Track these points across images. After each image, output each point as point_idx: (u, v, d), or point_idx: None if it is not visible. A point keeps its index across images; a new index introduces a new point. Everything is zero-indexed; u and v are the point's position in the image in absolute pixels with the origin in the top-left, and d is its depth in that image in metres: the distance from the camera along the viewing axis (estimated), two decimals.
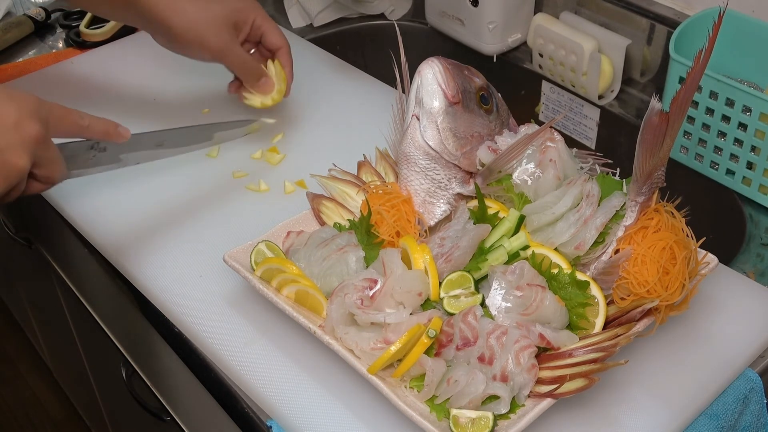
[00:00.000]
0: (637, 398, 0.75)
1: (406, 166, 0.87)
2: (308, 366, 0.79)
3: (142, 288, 0.90)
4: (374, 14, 1.45)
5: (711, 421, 0.76)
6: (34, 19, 1.36)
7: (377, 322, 0.73)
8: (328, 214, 0.89)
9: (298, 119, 1.13)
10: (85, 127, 0.80)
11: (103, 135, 0.83)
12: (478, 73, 0.89)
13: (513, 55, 1.35)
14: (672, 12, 1.15)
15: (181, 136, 0.97)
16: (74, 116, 0.79)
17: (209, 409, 0.85)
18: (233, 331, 0.82)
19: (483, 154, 0.86)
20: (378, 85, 1.20)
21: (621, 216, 0.79)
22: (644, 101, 1.21)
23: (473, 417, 0.68)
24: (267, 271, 0.81)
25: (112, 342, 1.16)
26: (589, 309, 0.76)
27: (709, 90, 0.99)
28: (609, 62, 1.17)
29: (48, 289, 1.41)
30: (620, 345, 0.70)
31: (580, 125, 1.28)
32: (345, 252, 0.81)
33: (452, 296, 0.76)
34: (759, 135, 0.96)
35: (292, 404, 0.75)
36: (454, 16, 1.33)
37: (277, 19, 1.40)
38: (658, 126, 0.73)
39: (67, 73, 1.22)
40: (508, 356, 0.70)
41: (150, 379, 1.10)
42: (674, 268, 0.74)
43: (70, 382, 1.91)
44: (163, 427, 1.11)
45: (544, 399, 0.70)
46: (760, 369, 0.80)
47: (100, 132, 0.82)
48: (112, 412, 1.58)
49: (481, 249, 0.80)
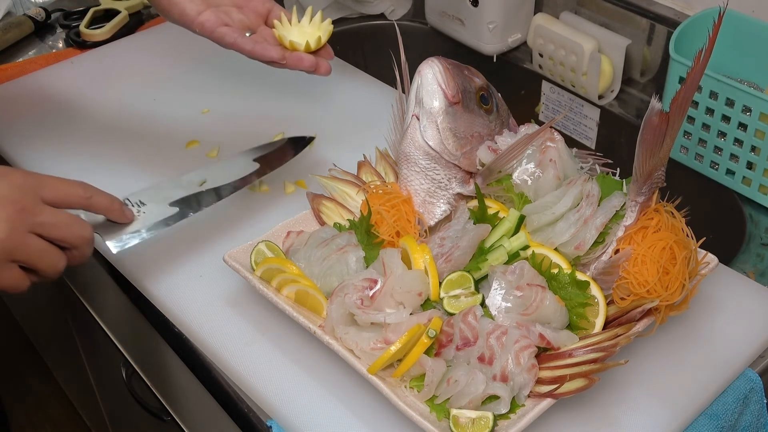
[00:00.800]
0: (637, 398, 0.75)
1: (406, 166, 0.87)
2: (308, 366, 0.79)
3: (142, 288, 0.90)
4: (374, 14, 1.45)
5: (711, 421, 0.76)
6: (34, 19, 1.36)
7: (377, 322, 0.73)
8: (328, 214, 0.89)
9: (298, 119, 1.13)
10: (87, 199, 0.77)
11: (105, 211, 0.80)
12: (478, 73, 0.89)
13: (513, 55, 1.35)
14: (672, 12, 1.15)
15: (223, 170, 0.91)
16: (75, 188, 0.76)
17: (209, 409, 0.85)
18: (233, 331, 0.82)
19: (483, 154, 0.86)
20: (378, 85, 1.20)
21: (621, 216, 0.79)
22: (644, 101, 1.21)
23: (473, 417, 0.68)
24: (267, 271, 0.81)
25: (112, 342, 1.16)
26: (589, 309, 0.76)
27: (709, 90, 0.99)
28: (609, 62, 1.17)
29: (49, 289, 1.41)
30: (620, 345, 0.70)
31: (580, 125, 1.28)
32: (345, 252, 0.81)
33: (452, 296, 0.76)
34: (759, 135, 0.96)
35: (292, 404, 0.75)
36: (454, 16, 1.33)
37: None
38: (658, 126, 0.73)
39: (67, 73, 1.23)
40: (508, 356, 0.70)
41: (150, 379, 1.10)
42: (674, 268, 0.74)
43: (70, 382, 1.91)
44: (163, 427, 1.11)
45: (544, 399, 0.70)
46: (760, 369, 0.80)
47: (102, 207, 0.79)
48: (112, 412, 1.58)
49: (481, 249, 0.80)
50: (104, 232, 0.81)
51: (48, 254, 0.74)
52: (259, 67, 0.90)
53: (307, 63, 0.87)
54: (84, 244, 0.76)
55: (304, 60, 0.87)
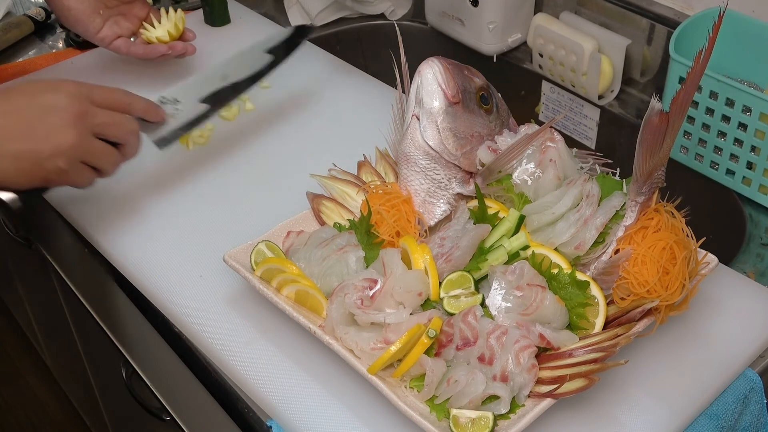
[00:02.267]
0: (637, 398, 0.75)
1: (406, 166, 0.87)
2: (308, 366, 0.79)
3: (142, 288, 0.90)
4: (374, 14, 1.45)
5: (711, 421, 0.76)
6: (34, 19, 1.36)
7: (377, 322, 0.73)
8: (328, 214, 0.89)
9: (298, 119, 1.12)
10: (128, 104, 0.88)
11: (143, 112, 0.90)
12: (478, 73, 0.89)
13: (513, 55, 1.35)
14: (672, 12, 1.15)
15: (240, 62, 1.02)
16: (117, 94, 0.87)
17: (209, 409, 0.85)
18: (233, 331, 0.82)
19: (483, 154, 0.86)
20: (378, 85, 1.20)
21: (621, 216, 0.79)
22: (644, 101, 1.21)
23: (473, 417, 0.68)
24: (267, 271, 0.81)
25: (112, 342, 1.16)
26: (589, 309, 0.76)
27: (709, 90, 0.99)
28: (609, 62, 1.17)
29: (48, 289, 1.41)
30: (620, 345, 0.70)
31: (580, 125, 1.28)
32: (345, 252, 0.81)
33: (452, 296, 0.76)
34: (759, 135, 0.96)
35: (292, 404, 0.75)
36: (454, 16, 1.33)
37: (277, 19, 1.41)
38: (658, 126, 0.73)
39: (67, 73, 1.22)
40: (508, 356, 0.70)
41: (150, 379, 1.10)
42: (674, 268, 0.74)
43: (70, 382, 1.91)
44: (163, 427, 1.11)
45: (544, 399, 0.70)
46: (760, 369, 0.80)
47: (140, 109, 0.89)
48: (112, 412, 1.58)
49: (481, 249, 0.80)
50: (145, 130, 0.91)
51: (109, 153, 0.86)
52: None
53: (179, 48, 1.12)
54: (135, 139, 0.88)
55: (176, 47, 1.12)
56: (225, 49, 1.26)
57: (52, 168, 0.81)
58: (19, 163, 0.80)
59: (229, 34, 1.31)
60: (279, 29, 1.12)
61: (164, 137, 0.93)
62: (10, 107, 0.80)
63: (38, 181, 0.82)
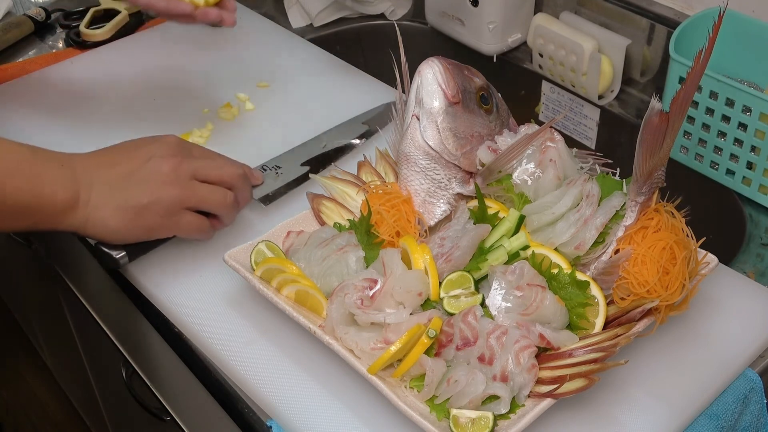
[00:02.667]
0: (637, 398, 0.75)
1: (406, 166, 0.87)
2: (308, 366, 0.79)
3: (142, 288, 0.90)
4: (374, 14, 1.45)
5: (711, 421, 0.76)
6: (34, 19, 1.36)
7: (377, 322, 0.73)
8: (328, 214, 0.89)
9: (298, 119, 1.13)
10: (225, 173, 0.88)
11: (239, 179, 0.88)
12: (478, 73, 0.89)
13: (513, 55, 1.35)
14: (672, 12, 1.15)
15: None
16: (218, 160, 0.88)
17: (209, 409, 0.85)
18: (233, 331, 0.82)
19: (483, 154, 0.86)
20: (378, 85, 1.20)
21: (621, 216, 0.79)
22: (644, 101, 1.21)
23: (473, 417, 0.68)
24: (267, 271, 0.81)
25: (112, 342, 1.16)
26: (589, 309, 0.76)
27: (709, 90, 0.99)
28: (609, 62, 1.17)
29: (48, 289, 1.41)
30: (620, 345, 0.70)
31: (580, 125, 1.28)
32: (345, 252, 0.81)
33: (452, 296, 0.76)
34: (759, 135, 0.96)
35: (292, 404, 0.75)
36: (454, 16, 1.33)
37: (277, 19, 1.40)
38: (658, 126, 0.73)
39: (67, 73, 1.23)
40: (508, 356, 0.70)
41: (150, 379, 1.10)
42: (674, 268, 0.74)
43: (70, 382, 1.91)
44: (163, 427, 1.11)
45: (544, 399, 0.70)
46: (760, 369, 0.80)
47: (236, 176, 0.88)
48: (112, 412, 1.58)
49: (481, 249, 0.80)
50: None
51: (213, 192, 0.85)
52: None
53: (212, 15, 0.98)
54: (240, 182, 0.88)
55: (209, 13, 0.98)
56: (225, 49, 1.26)
57: (154, 217, 0.82)
58: (123, 213, 0.81)
59: (229, 34, 1.31)
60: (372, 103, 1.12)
61: (268, 195, 0.95)
62: (112, 159, 0.83)
63: (140, 230, 0.83)
